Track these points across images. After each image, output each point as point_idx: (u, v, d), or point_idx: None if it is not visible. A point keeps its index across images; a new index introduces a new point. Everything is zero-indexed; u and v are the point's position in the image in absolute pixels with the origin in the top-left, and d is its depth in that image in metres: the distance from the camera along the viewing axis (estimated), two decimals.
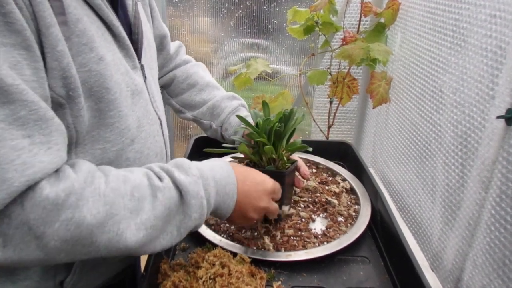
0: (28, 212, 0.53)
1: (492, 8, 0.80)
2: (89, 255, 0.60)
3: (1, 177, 0.50)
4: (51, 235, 0.55)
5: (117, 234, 0.60)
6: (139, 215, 0.63)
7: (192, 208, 0.69)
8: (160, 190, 0.67)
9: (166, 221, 0.67)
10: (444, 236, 0.97)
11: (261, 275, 0.80)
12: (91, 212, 0.58)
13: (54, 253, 0.57)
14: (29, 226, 0.53)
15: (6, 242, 0.53)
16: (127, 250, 0.63)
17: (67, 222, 0.55)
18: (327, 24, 1.35)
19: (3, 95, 0.50)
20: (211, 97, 1.16)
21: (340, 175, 1.21)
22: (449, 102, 0.96)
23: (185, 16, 1.75)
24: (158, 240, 0.67)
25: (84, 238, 0.57)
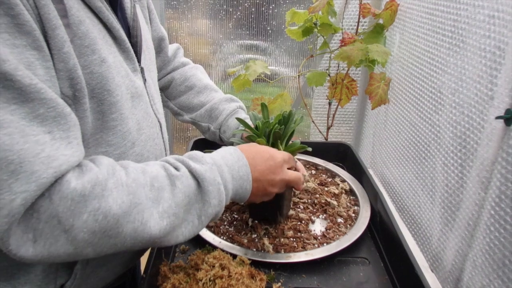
0: (56, 205, 0.54)
1: (491, 9, 0.80)
2: (115, 248, 0.61)
3: (29, 170, 0.51)
4: (80, 227, 0.55)
5: (142, 223, 0.61)
6: (161, 204, 0.64)
7: (210, 194, 0.70)
8: (178, 179, 0.68)
9: (186, 210, 0.68)
10: (444, 236, 0.97)
11: (261, 277, 0.80)
12: (116, 201, 0.59)
13: (82, 247, 0.57)
14: (58, 219, 0.54)
15: (36, 238, 0.54)
16: (151, 239, 0.63)
17: (95, 212, 0.56)
18: (326, 26, 1.35)
19: (22, 94, 0.51)
20: (209, 100, 1.17)
21: (339, 176, 1.21)
22: (448, 102, 0.96)
23: (183, 18, 1.75)
24: (180, 229, 0.68)
25: (110, 228, 0.58)
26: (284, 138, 0.93)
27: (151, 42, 0.96)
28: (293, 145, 0.95)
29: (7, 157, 0.49)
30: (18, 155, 0.50)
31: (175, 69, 1.21)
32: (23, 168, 0.50)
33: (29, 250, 0.54)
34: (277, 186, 0.83)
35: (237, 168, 0.77)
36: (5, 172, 0.50)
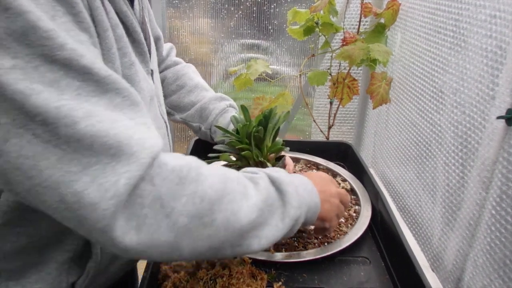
0: (159, 186, 0.54)
1: (492, 9, 0.80)
2: (209, 241, 0.60)
3: (128, 152, 0.52)
4: (180, 211, 0.56)
5: (233, 213, 0.61)
6: (249, 198, 0.64)
7: (289, 195, 0.70)
8: (260, 179, 0.69)
9: (270, 211, 0.67)
10: (445, 236, 0.97)
11: (261, 276, 0.80)
12: (211, 187, 0.59)
13: (181, 235, 0.57)
14: (161, 203, 0.54)
15: (140, 225, 0.53)
16: (241, 232, 0.63)
17: (193, 195, 0.57)
18: (327, 25, 1.35)
19: (100, 86, 0.52)
20: (200, 99, 1.16)
21: (340, 176, 1.20)
22: (449, 102, 0.96)
23: (185, 17, 1.75)
24: (264, 232, 0.66)
25: (206, 214, 0.58)
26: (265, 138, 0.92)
27: (153, 43, 0.97)
28: (274, 145, 0.94)
29: (106, 142, 0.50)
30: (115, 139, 0.51)
31: (167, 67, 1.21)
32: (123, 151, 0.52)
33: (133, 239, 0.53)
34: (335, 202, 0.84)
35: (302, 181, 0.77)
36: (106, 156, 0.51)
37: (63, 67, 0.49)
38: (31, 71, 0.47)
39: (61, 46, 0.49)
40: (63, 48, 0.49)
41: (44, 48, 0.48)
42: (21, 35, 0.47)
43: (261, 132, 0.89)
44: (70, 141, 0.49)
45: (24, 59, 0.47)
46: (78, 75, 0.50)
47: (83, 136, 0.49)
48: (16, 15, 0.46)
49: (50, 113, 0.47)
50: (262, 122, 0.92)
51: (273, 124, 0.93)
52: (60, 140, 0.48)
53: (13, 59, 0.46)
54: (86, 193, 0.49)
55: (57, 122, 0.48)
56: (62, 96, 0.49)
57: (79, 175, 0.49)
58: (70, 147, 0.49)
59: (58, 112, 0.48)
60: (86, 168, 0.50)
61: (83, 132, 0.49)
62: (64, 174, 0.49)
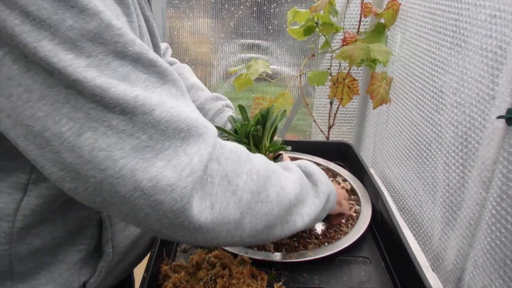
0: (225, 165, 0.58)
1: (492, 8, 0.80)
2: (266, 219, 0.64)
3: (195, 134, 0.55)
4: (243, 187, 0.60)
5: (281, 187, 0.67)
6: (287, 177, 0.71)
7: (316, 175, 0.80)
8: (288, 163, 0.79)
9: (305, 189, 0.75)
10: (445, 236, 0.97)
11: (262, 276, 0.80)
12: (260, 164, 0.65)
13: (245, 212, 0.60)
14: (228, 180, 0.58)
15: (213, 203, 0.56)
16: (290, 205, 0.69)
17: (250, 172, 0.62)
18: (327, 25, 1.35)
19: (161, 78, 0.55)
20: (196, 99, 1.17)
21: (340, 176, 1.20)
22: (449, 102, 0.96)
23: (185, 17, 1.75)
24: (305, 209, 0.74)
25: (262, 190, 0.63)
26: (264, 137, 0.92)
27: None
28: (274, 144, 0.94)
29: (178, 127, 0.53)
30: (186, 123, 0.54)
31: None
32: (191, 133, 0.54)
33: (208, 218, 0.56)
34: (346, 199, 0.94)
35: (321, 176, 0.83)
36: (178, 140, 0.53)
37: (131, 61, 0.52)
38: (105, 68, 0.49)
39: (132, 41, 0.52)
40: (134, 44, 0.52)
41: (118, 45, 0.50)
42: (95, 35, 0.49)
43: (259, 131, 0.90)
44: (145, 127, 0.51)
45: (98, 57, 0.49)
46: (144, 67, 0.53)
47: (159, 122, 0.52)
48: (92, 16, 0.48)
49: (129, 102, 0.50)
50: (260, 121, 0.92)
51: (271, 123, 0.93)
52: (136, 128, 0.51)
53: (87, 58, 0.48)
54: (162, 176, 0.51)
55: (135, 110, 0.50)
56: (134, 88, 0.51)
57: (153, 161, 0.51)
58: (145, 134, 0.51)
59: (136, 101, 0.50)
60: (160, 153, 0.52)
61: (159, 118, 0.52)
62: (138, 161, 0.51)
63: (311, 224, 0.76)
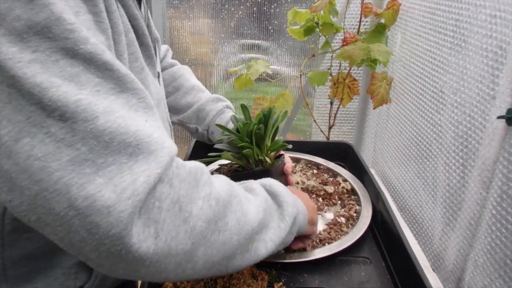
0: (178, 188, 0.52)
1: (493, 8, 0.80)
2: (223, 249, 0.58)
3: (146, 150, 0.49)
4: (198, 215, 0.54)
5: (243, 213, 0.61)
6: (251, 201, 0.65)
7: (282, 194, 0.73)
8: (252, 184, 0.72)
9: (270, 213, 0.69)
10: (445, 236, 0.97)
11: (262, 276, 0.80)
12: (222, 187, 0.59)
13: (198, 243, 0.54)
14: (179, 206, 0.52)
15: (158, 231, 0.50)
16: (252, 233, 0.63)
17: (208, 197, 0.56)
18: (328, 25, 1.35)
19: (119, 84, 0.50)
20: (196, 100, 1.16)
21: (341, 176, 1.20)
22: (449, 102, 0.96)
23: (185, 17, 1.75)
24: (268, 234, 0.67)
25: (220, 217, 0.57)
26: (266, 136, 0.92)
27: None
28: (275, 143, 0.95)
29: (125, 140, 0.48)
30: (134, 136, 0.48)
31: (164, 69, 1.22)
32: (141, 150, 0.49)
33: (151, 247, 0.49)
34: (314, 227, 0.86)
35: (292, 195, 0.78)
36: (124, 155, 0.48)
37: (84, 62, 0.47)
38: (51, 65, 0.45)
39: (85, 39, 0.47)
40: (87, 42, 0.47)
41: (68, 41, 0.46)
42: (43, 28, 0.45)
43: (262, 130, 0.90)
44: (86, 138, 0.46)
45: (45, 52, 0.45)
46: (98, 70, 0.49)
47: (102, 132, 0.46)
48: (42, 7, 0.45)
49: (69, 106, 0.45)
50: (262, 120, 0.92)
51: (273, 122, 0.93)
52: (76, 137, 0.45)
53: (33, 52, 0.45)
54: (99, 195, 0.45)
55: (75, 116, 0.45)
56: (81, 90, 0.46)
57: (93, 177, 0.46)
58: (85, 146, 0.46)
59: (78, 106, 0.45)
60: (101, 169, 0.46)
61: (103, 128, 0.46)
62: (75, 176, 0.45)
63: (276, 250, 0.70)
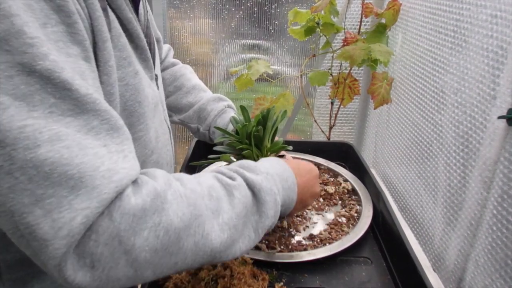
0: (118, 223, 0.49)
1: (493, 8, 0.80)
2: (175, 267, 0.56)
3: (90, 185, 0.47)
4: (141, 246, 0.51)
5: (203, 236, 0.57)
6: (220, 215, 0.60)
7: (267, 205, 0.66)
8: (235, 188, 0.64)
9: (244, 223, 0.64)
10: (446, 236, 0.97)
11: (263, 277, 0.80)
12: (177, 214, 0.54)
13: (143, 268, 0.52)
14: (119, 240, 0.49)
15: (94, 263, 0.49)
16: (212, 253, 0.59)
17: (156, 227, 0.52)
18: (328, 25, 1.35)
19: (77, 106, 0.48)
20: (198, 100, 1.16)
21: (341, 176, 1.20)
22: (450, 102, 0.96)
23: (186, 17, 1.75)
24: (238, 244, 0.63)
25: (172, 244, 0.54)
26: (265, 138, 0.92)
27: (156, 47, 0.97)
28: (275, 145, 0.94)
29: (67, 172, 0.46)
30: (78, 169, 0.46)
31: (165, 69, 1.21)
32: (84, 184, 0.47)
33: (86, 277, 0.48)
34: (315, 198, 0.86)
35: (286, 177, 0.74)
36: (65, 188, 0.46)
37: (40, 80, 0.45)
38: (4, 81, 0.43)
39: (44, 55, 0.45)
40: (45, 58, 0.45)
41: (25, 56, 0.44)
42: (1, 40, 0.43)
43: (261, 132, 0.90)
44: (26, 167, 0.44)
45: (0, 66, 0.43)
46: (55, 90, 0.46)
47: (42, 162, 0.45)
48: (2, 17, 0.43)
49: (11, 132, 0.43)
50: (261, 122, 0.92)
51: (272, 123, 0.93)
52: (14, 166, 0.44)
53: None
54: (39, 227, 0.45)
55: (16, 144, 0.43)
56: (31, 113, 0.44)
57: (31, 208, 0.45)
58: (24, 175, 0.44)
59: (20, 133, 0.44)
60: (40, 200, 0.45)
61: (43, 157, 0.45)
62: (15, 204, 0.45)
63: (242, 255, 0.68)
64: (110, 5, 0.63)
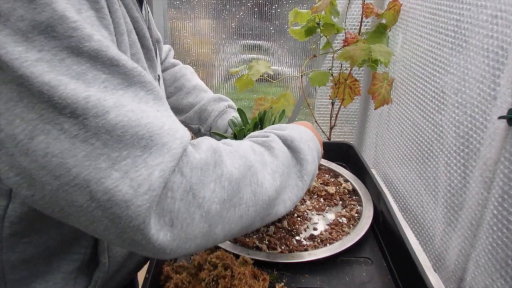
0: (189, 177, 0.52)
1: (494, 9, 0.80)
2: (241, 222, 0.59)
3: (159, 142, 0.50)
4: (211, 198, 0.54)
5: (258, 184, 0.61)
6: (268, 166, 0.65)
7: (304, 152, 0.73)
8: (272, 141, 0.70)
9: (288, 172, 0.69)
10: (447, 236, 0.97)
11: (263, 277, 0.80)
12: (234, 165, 0.58)
13: (215, 223, 0.55)
14: (193, 193, 0.52)
15: (173, 220, 0.51)
16: (269, 201, 0.63)
17: (220, 179, 0.55)
18: (329, 26, 1.35)
19: (126, 79, 0.50)
20: (198, 100, 1.16)
21: (342, 176, 1.21)
22: (450, 102, 0.96)
23: (186, 18, 1.75)
24: (287, 194, 0.69)
25: (235, 194, 0.57)
26: None
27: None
28: None
29: (138, 133, 0.48)
30: (146, 129, 0.49)
31: (165, 69, 1.21)
32: (154, 142, 0.49)
33: (167, 235, 0.50)
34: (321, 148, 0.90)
35: (304, 131, 0.80)
36: (138, 148, 0.48)
37: (90, 59, 0.48)
38: (57, 64, 0.46)
39: (89, 36, 0.48)
40: (91, 39, 0.48)
41: (72, 40, 0.46)
42: (47, 27, 0.45)
43: None
44: (99, 133, 0.46)
45: (51, 52, 0.46)
46: (104, 67, 0.49)
47: (113, 126, 0.47)
48: (44, 6, 0.45)
49: (79, 103, 0.45)
50: (258, 124, 0.92)
51: (269, 125, 0.93)
52: (89, 133, 0.46)
53: (39, 52, 0.45)
54: (117, 190, 0.47)
55: (86, 113, 0.46)
56: (89, 88, 0.47)
57: (109, 171, 0.46)
58: (99, 141, 0.46)
59: (87, 102, 0.46)
60: (116, 163, 0.47)
61: (114, 122, 0.47)
62: (92, 171, 0.46)
63: (293, 207, 0.72)
64: (121, 1, 0.65)
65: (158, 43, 1.14)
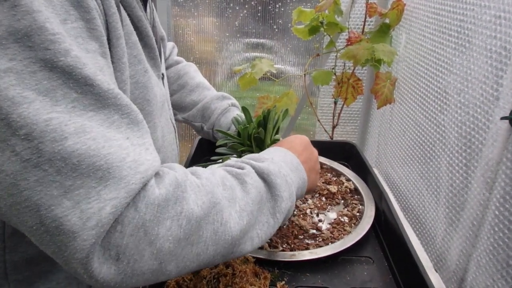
0: (143, 213, 0.50)
1: (497, 9, 0.80)
2: (198, 259, 0.57)
3: (117, 175, 0.47)
4: (165, 236, 0.51)
5: (222, 223, 0.58)
6: (237, 203, 0.61)
7: (280, 187, 0.67)
8: (246, 175, 0.65)
9: (259, 209, 0.65)
10: (448, 236, 0.97)
11: (265, 275, 0.80)
12: (196, 203, 0.55)
13: (167, 260, 0.53)
14: (144, 230, 0.50)
15: (119, 255, 0.49)
16: (232, 241, 0.60)
17: (178, 216, 0.53)
18: (332, 25, 1.35)
19: (99, 100, 0.49)
20: (201, 98, 1.16)
21: (344, 176, 1.21)
22: (453, 103, 0.96)
23: (190, 16, 1.75)
24: (255, 231, 0.64)
25: (193, 233, 0.54)
26: (266, 139, 0.92)
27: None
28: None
29: (95, 163, 0.46)
30: (105, 160, 0.47)
31: (169, 67, 1.21)
32: (111, 174, 0.47)
33: (111, 269, 0.49)
34: (317, 168, 0.85)
35: (289, 160, 0.75)
36: (93, 179, 0.46)
37: (62, 75, 0.46)
38: (27, 76, 0.44)
39: (66, 51, 0.46)
40: (67, 54, 0.46)
41: (47, 52, 0.45)
42: (23, 36, 0.43)
43: (261, 134, 0.90)
44: (54, 159, 0.44)
45: (23, 62, 0.44)
46: (77, 85, 0.47)
47: (70, 154, 0.45)
48: (24, 13, 0.43)
49: (38, 125, 0.44)
50: (262, 123, 0.93)
51: (273, 124, 0.93)
52: (42, 158, 0.44)
53: (10, 61, 0.43)
54: (66, 219, 0.45)
55: (43, 136, 0.44)
56: (55, 107, 0.45)
57: (60, 199, 0.45)
58: (52, 167, 0.45)
59: (47, 125, 0.44)
60: (69, 191, 0.45)
61: (71, 149, 0.45)
62: (43, 197, 0.45)
63: (262, 244, 0.68)
64: (122, 2, 0.64)
65: (162, 41, 1.14)
